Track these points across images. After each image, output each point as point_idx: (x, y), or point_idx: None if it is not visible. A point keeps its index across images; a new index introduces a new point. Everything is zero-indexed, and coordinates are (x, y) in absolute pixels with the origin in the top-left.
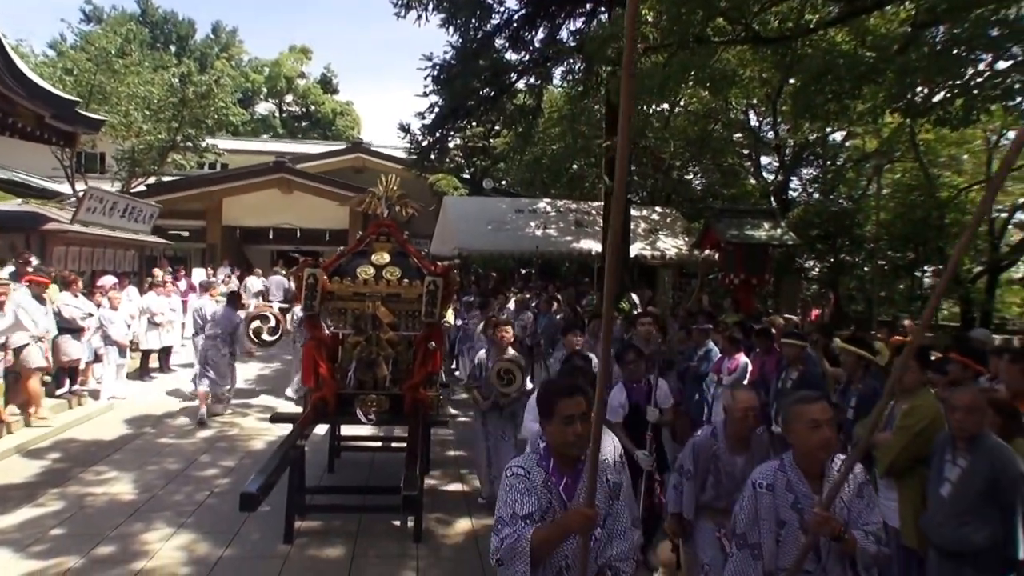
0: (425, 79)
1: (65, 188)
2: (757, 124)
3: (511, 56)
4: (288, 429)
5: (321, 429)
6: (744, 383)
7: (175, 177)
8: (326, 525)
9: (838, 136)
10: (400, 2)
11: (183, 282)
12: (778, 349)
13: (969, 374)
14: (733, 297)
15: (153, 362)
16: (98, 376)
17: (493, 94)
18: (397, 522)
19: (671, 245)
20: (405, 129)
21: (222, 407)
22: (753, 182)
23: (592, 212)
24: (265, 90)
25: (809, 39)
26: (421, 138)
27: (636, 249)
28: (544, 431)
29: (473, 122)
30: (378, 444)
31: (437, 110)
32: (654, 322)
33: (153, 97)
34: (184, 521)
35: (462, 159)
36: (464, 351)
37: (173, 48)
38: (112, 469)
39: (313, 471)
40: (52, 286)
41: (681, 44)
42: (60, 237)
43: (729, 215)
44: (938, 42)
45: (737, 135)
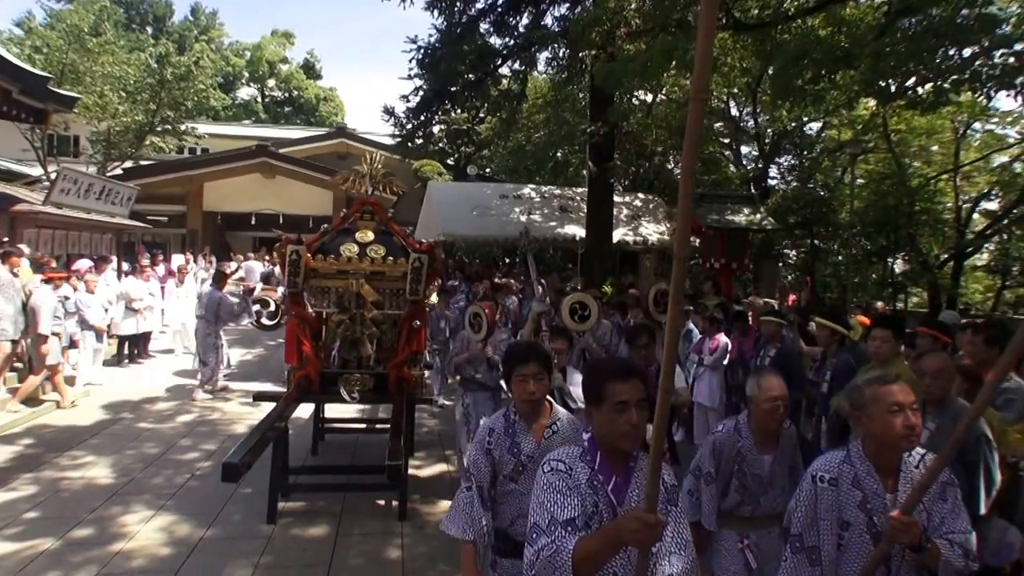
0: (410, 62)
1: (36, 171)
2: (737, 113)
3: (495, 41)
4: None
5: (305, 412)
6: (725, 362)
7: (153, 161)
8: (310, 505)
9: (815, 126)
10: None
11: (161, 267)
12: (755, 329)
13: (937, 346)
14: (713, 281)
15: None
16: (74, 362)
17: (477, 79)
18: (381, 501)
19: (653, 231)
20: (390, 112)
21: (201, 392)
22: (733, 170)
23: (576, 198)
24: (247, 75)
25: (788, 26)
26: (405, 121)
27: (619, 235)
28: (591, 419)
29: (457, 107)
30: (362, 426)
31: (422, 93)
32: (636, 304)
33: (129, 78)
34: (164, 503)
35: (446, 145)
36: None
37: (150, 30)
38: (89, 454)
39: (297, 453)
40: (25, 269)
41: (663, 28)
42: (31, 219)
43: (710, 200)
44: (911, 29)
45: (718, 124)
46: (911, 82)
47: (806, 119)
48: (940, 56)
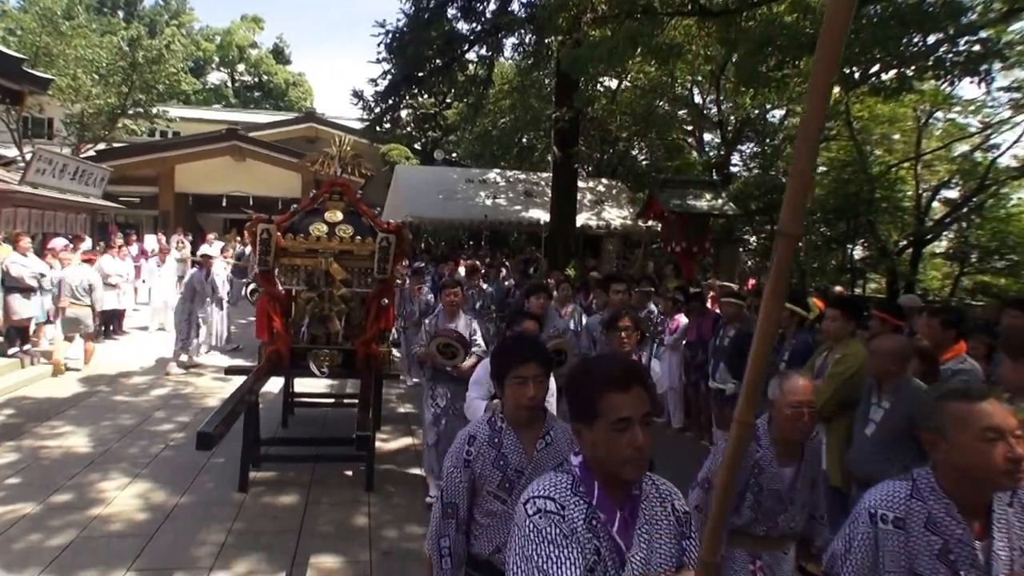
0: (378, 46)
1: (12, 152)
2: (701, 101)
3: (463, 26)
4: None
5: (274, 388)
6: (684, 342)
7: (126, 143)
8: (280, 475)
9: (777, 114)
10: None
11: (135, 247)
12: (713, 311)
13: (888, 328)
14: (675, 264)
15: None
16: (50, 337)
17: (444, 64)
18: (349, 472)
19: (616, 215)
20: (358, 96)
21: (175, 364)
22: (696, 156)
23: (541, 183)
24: (217, 59)
25: (753, 13)
26: (374, 105)
27: (582, 219)
28: (580, 440)
29: (425, 92)
30: (330, 401)
31: (390, 78)
32: (626, 290)
33: (102, 61)
34: (140, 472)
35: (414, 130)
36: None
37: (121, 14)
38: (67, 424)
39: (267, 426)
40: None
41: (629, 14)
42: (7, 198)
43: (672, 186)
44: (876, 16)
45: (681, 111)
46: (875, 69)
47: (769, 106)
48: (904, 43)
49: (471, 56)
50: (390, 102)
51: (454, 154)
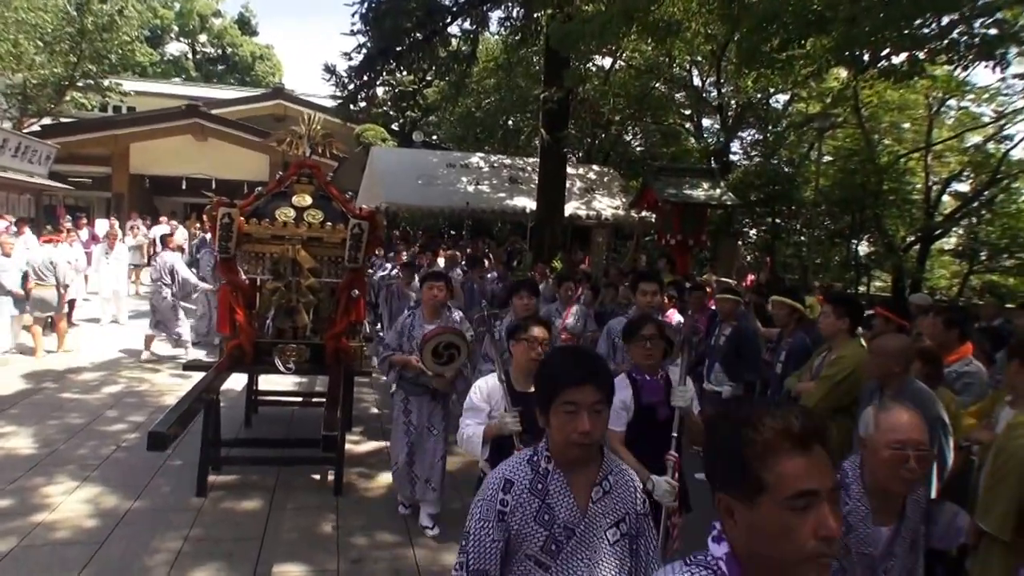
0: (353, 16)
1: None
2: (700, 83)
3: None
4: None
5: (237, 384)
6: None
7: (75, 119)
8: (242, 479)
9: (781, 99)
10: None
11: (85, 231)
12: (709, 307)
13: (891, 327)
14: (669, 258)
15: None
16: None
17: (425, 37)
18: (317, 476)
19: (607, 205)
20: (330, 70)
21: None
22: (693, 143)
23: (528, 168)
24: (176, 28)
25: None
26: (347, 81)
27: (571, 208)
28: (729, 522)
29: (403, 68)
30: (298, 400)
31: (365, 51)
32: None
33: (46, 26)
34: (89, 475)
35: (391, 109)
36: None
37: None
38: (8, 424)
39: (229, 427)
40: None
41: None
42: None
43: (668, 173)
44: None
45: (679, 94)
46: (885, 51)
47: (772, 90)
48: (917, 24)
49: (454, 30)
50: (365, 78)
51: (434, 136)
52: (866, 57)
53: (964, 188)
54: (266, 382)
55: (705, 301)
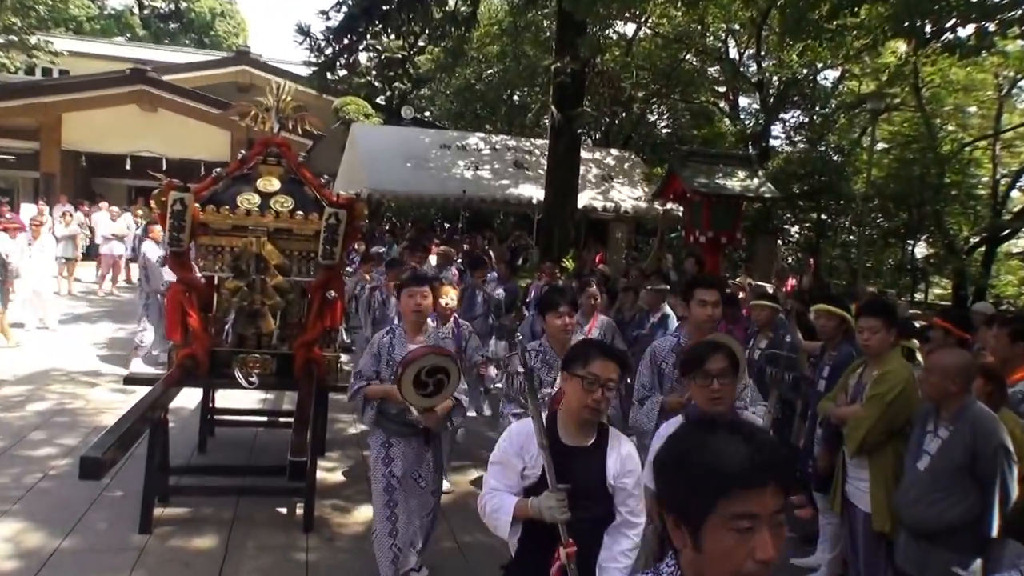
0: None
1: None
2: (737, 56)
3: None
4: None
5: (191, 402)
6: None
7: None
8: (194, 512)
9: (830, 75)
10: None
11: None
12: (744, 316)
13: (952, 340)
14: (697, 257)
15: None
16: None
17: None
18: (283, 509)
19: (627, 195)
20: (304, 32)
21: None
22: (728, 125)
23: (535, 151)
24: None
25: None
26: (324, 44)
27: (585, 198)
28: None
29: (390, 31)
30: (262, 419)
31: (346, 10)
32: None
33: None
34: (9, 508)
35: (376, 79)
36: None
37: None
38: None
39: (180, 450)
40: None
41: None
42: None
43: (698, 160)
44: None
45: (712, 68)
46: (950, 22)
47: (820, 65)
48: None
49: None
50: (346, 42)
51: (426, 112)
52: (928, 28)
53: None
54: (224, 398)
55: (739, 312)
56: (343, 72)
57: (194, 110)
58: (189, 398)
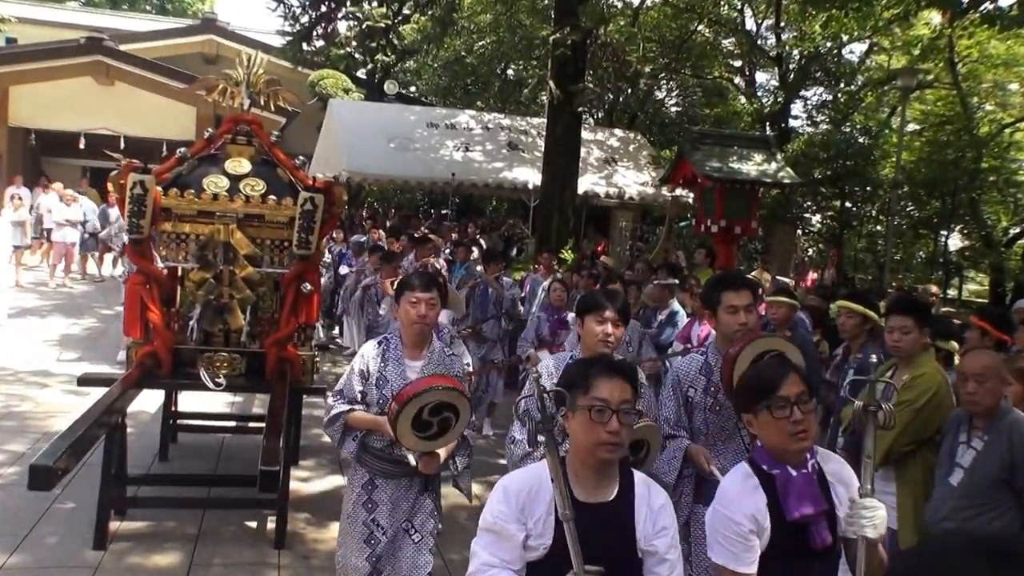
0: None
1: None
2: (754, 27)
3: None
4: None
5: (151, 405)
6: None
7: None
8: (155, 526)
9: (856, 49)
10: None
11: None
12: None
13: (989, 341)
14: (708, 248)
15: None
16: None
17: None
18: (252, 523)
19: (632, 180)
20: None
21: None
22: (744, 103)
23: (531, 131)
24: None
25: None
26: (300, 12)
27: (586, 184)
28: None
29: None
30: (230, 424)
31: None
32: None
33: None
34: None
35: (356, 50)
36: (351, 310)
37: None
38: None
39: (139, 458)
40: None
41: None
42: None
43: (710, 142)
44: None
45: (727, 40)
46: None
47: (846, 38)
48: None
49: None
50: (323, 9)
51: (412, 88)
52: None
53: None
54: (188, 401)
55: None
56: (320, 42)
57: (156, 83)
58: (149, 401)
